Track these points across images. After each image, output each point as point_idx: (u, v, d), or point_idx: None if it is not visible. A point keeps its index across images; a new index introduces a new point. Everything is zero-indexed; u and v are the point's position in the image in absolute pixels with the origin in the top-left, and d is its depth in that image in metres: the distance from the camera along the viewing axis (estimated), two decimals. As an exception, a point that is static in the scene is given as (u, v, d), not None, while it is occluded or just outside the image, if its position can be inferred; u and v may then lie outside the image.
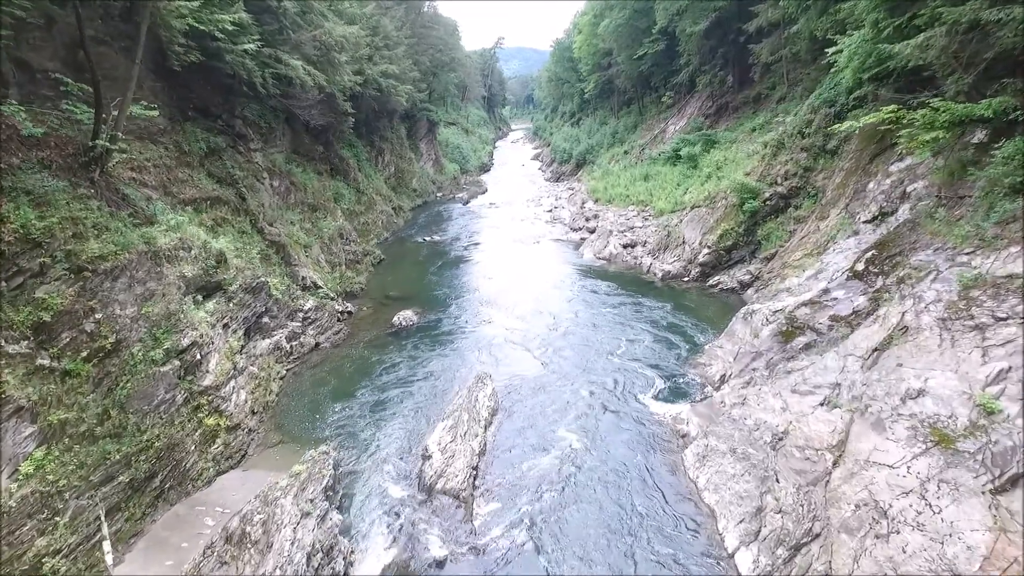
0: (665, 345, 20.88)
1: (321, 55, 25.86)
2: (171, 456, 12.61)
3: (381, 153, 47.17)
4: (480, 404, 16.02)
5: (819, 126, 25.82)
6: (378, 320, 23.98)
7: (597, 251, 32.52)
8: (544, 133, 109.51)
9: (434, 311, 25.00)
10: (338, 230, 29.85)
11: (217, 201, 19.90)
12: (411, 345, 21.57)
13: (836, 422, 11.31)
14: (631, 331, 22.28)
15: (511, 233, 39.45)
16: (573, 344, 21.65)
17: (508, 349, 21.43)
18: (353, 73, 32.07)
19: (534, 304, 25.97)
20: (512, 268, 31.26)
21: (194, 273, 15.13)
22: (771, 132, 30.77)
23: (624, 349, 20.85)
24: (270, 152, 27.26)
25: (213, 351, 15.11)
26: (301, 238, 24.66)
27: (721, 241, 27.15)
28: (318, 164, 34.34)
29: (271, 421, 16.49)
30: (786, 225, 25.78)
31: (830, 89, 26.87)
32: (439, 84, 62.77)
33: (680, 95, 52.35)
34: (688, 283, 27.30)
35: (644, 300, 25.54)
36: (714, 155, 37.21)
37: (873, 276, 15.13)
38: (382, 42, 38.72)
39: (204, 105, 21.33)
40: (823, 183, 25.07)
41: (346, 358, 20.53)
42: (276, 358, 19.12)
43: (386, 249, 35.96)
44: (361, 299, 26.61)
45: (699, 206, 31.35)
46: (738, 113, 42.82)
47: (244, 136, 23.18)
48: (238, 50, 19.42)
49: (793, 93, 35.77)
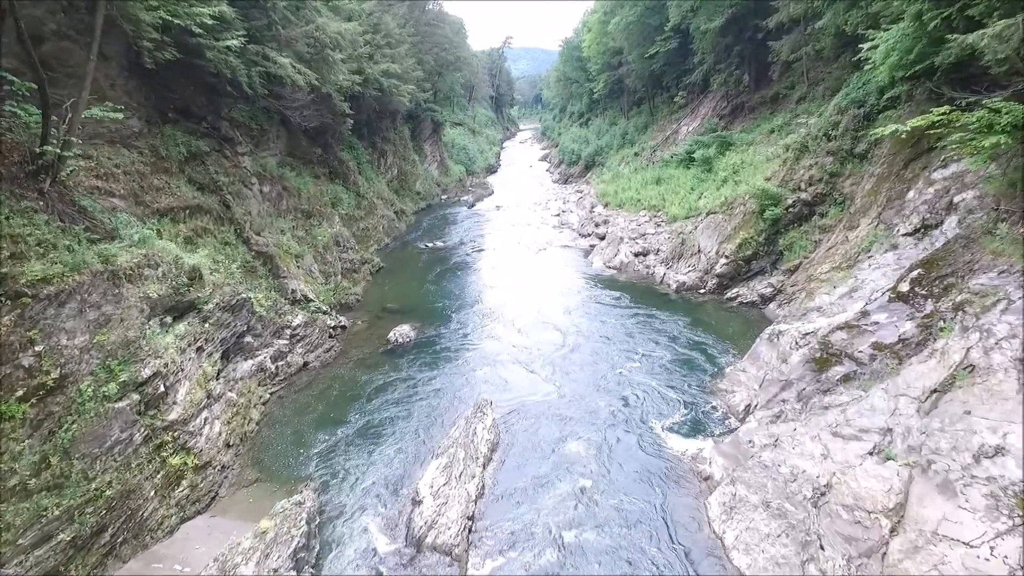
0: (682, 366, 19.23)
1: (315, 53, 24.37)
2: (125, 505, 11.11)
3: (383, 155, 45.69)
4: (478, 438, 14.43)
5: (847, 128, 24.06)
6: (373, 335, 22.45)
7: (607, 259, 30.86)
8: (552, 133, 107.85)
9: (433, 325, 23.44)
10: (334, 237, 28.36)
11: (198, 210, 18.42)
12: (406, 364, 20.02)
13: (892, 479, 9.63)
14: (644, 349, 20.65)
15: (517, 239, 37.84)
16: (581, 363, 20.05)
17: (511, 369, 19.84)
18: (351, 72, 30.58)
19: (540, 317, 24.37)
20: (517, 277, 29.66)
21: (162, 293, 13.64)
22: (793, 134, 29.00)
23: (637, 370, 19.22)
24: (261, 156, 25.80)
25: (182, 379, 13.63)
26: (292, 247, 23.17)
27: (740, 251, 25.43)
28: (316, 167, 32.88)
29: (248, 455, 14.97)
30: (810, 234, 24.04)
31: (858, 88, 25.09)
32: (444, 84, 61.17)
33: (693, 95, 50.53)
34: (704, 295, 25.59)
35: (657, 314, 23.88)
36: (730, 158, 35.45)
37: (921, 299, 13.41)
38: (383, 40, 37.21)
39: (186, 106, 19.88)
40: (851, 189, 23.32)
41: (336, 379, 19.01)
42: (259, 380, 17.63)
43: (386, 256, 34.47)
44: (356, 311, 25.09)
45: (715, 212, 29.62)
46: (754, 114, 41.01)
47: (231, 139, 21.71)
48: (220, 47, 17.94)
49: (814, 93, 33.98)
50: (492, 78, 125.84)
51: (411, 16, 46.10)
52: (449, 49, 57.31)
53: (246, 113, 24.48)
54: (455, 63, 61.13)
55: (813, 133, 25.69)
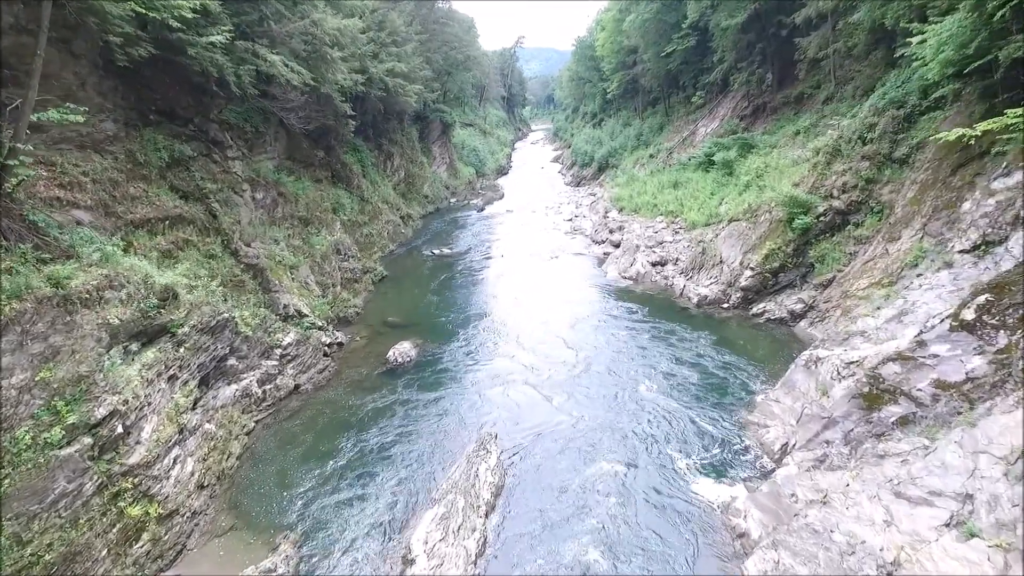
0: (706, 391, 17.51)
1: (313, 50, 22.89)
2: (69, 570, 9.61)
3: (390, 157, 44.26)
4: (480, 482, 12.80)
5: (885, 130, 22.16)
6: (371, 354, 20.91)
7: (622, 269, 29.13)
8: (564, 134, 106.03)
9: (436, 342, 21.86)
10: (334, 245, 26.89)
11: (179, 220, 16.97)
12: (406, 387, 18.46)
13: (981, 564, 7.89)
14: (664, 371, 18.94)
15: (527, 245, 36.18)
16: (595, 386, 18.40)
17: (519, 393, 18.21)
18: (353, 71, 29.12)
19: (551, 332, 22.71)
20: (527, 288, 28.01)
21: (127, 317, 12.16)
22: (823, 137, 27.10)
23: (656, 395, 17.54)
24: (257, 159, 24.38)
25: (149, 415, 12.14)
26: (286, 258, 21.70)
27: (766, 262, 23.58)
28: (317, 171, 31.48)
29: (225, 496, 13.46)
30: (844, 246, 22.16)
31: (896, 87, 23.19)
32: (454, 84, 59.60)
33: (711, 95, 48.56)
34: (728, 310, 23.78)
35: (678, 330, 22.14)
36: (752, 161, 33.53)
37: (991, 330, 11.61)
38: (389, 38, 35.72)
39: (170, 108, 18.46)
40: (890, 197, 21.42)
41: (328, 405, 17.48)
42: (243, 407, 16.14)
43: (390, 264, 32.96)
44: (356, 325, 23.57)
45: (738, 220, 27.79)
46: (777, 114, 39.04)
47: (220, 143, 20.28)
48: (204, 43, 16.47)
49: (842, 92, 32.02)
50: (504, 78, 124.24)
51: (418, 13, 44.62)
52: (458, 48, 55.75)
53: (239, 115, 23.06)
54: (465, 62, 59.55)
55: (846, 136, 23.79)
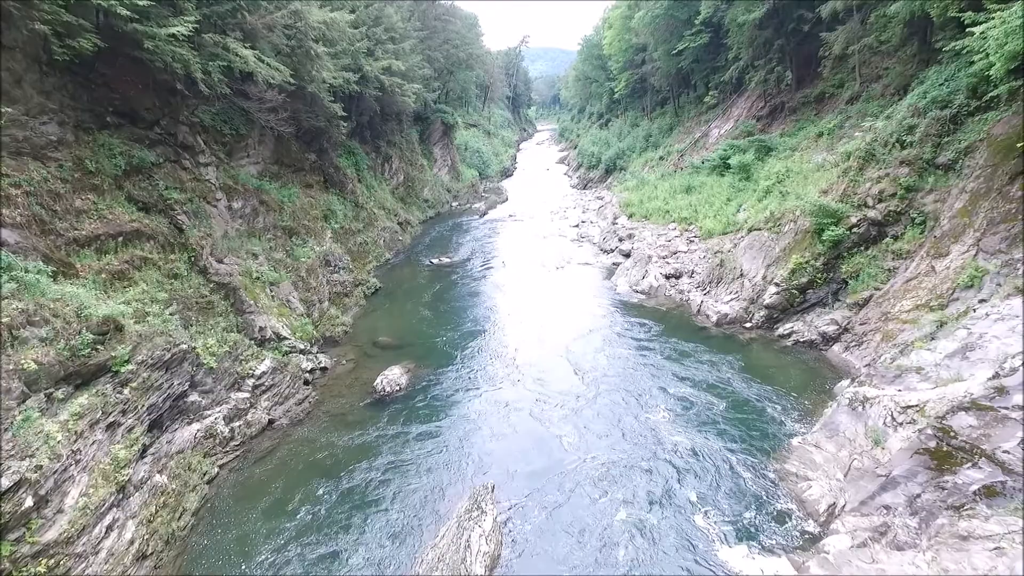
0: (731, 428, 15.46)
1: (296, 45, 20.93)
2: None
3: (388, 160, 42.28)
4: (472, 554, 10.76)
5: (927, 133, 20.03)
6: (358, 381, 18.91)
7: (633, 282, 27.03)
8: (570, 135, 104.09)
9: (430, 367, 19.84)
10: (323, 256, 24.92)
11: (136, 236, 15.02)
12: (393, 422, 16.45)
13: None
14: (682, 402, 16.91)
15: (531, 254, 34.09)
16: (606, 419, 16.40)
17: (520, 429, 16.20)
18: (344, 69, 27.14)
19: (556, 356, 20.68)
20: (531, 303, 25.94)
21: (51, 359, 10.21)
22: (853, 140, 24.95)
23: (674, 431, 15.53)
24: (238, 164, 22.44)
25: (76, 475, 10.17)
26: (265, 274, 19.71)
27: (793, 277, 21.44)
28: (308, 176, 29.53)
29: (174, 565, 11.46)
30: (881, 260, 20.02)
31: (939, 85, 21.03)
32: (456, 83, 57.56)
33: (725, 94, 46.38)
34: (751, 330, 21.67)
35: (695, 353, 20.08)
36: (772, 165, 31.40)
37: (1095, 380, 9.51)
38: (385, 35, 33.72)
39: (130, 109, 16.50)
40: (934, 208, 19.28)
41: (305, 444, 15.48)
42: (206, 450, 14.16)
43: (385, 274, 30.97)
44: (343, 346, 21.58)
45: (759, 229, 25.68)
46: (796, 115, 36.88)
47: (190, 147, 18.31)
48: (163, 35, 14.50)
49: (869, 91, 29.84)
50: (509, 78, 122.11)
51: (417, 9, 42.58)
52: (461, 46, 53.69)
53: (216, 116, 21.14)
54: (467, 61, 57.48)
55: (881, 139, 21.62)
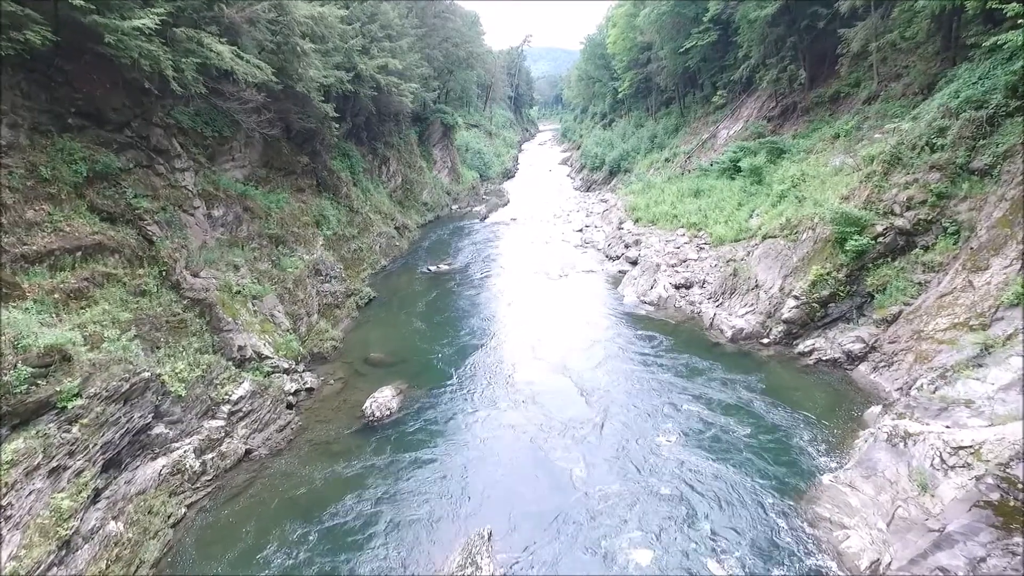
0: (751, 457, 14.16)
1: (282, 42, 19.56)
2: None
3: (385, 162, 40.91)
4: (465, 622, 9.38)
5: (960, 136, 18.55)
6: (346, 403, 17.51)
7: (641, 292, 25.59)
8: (573, 135, 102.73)
9: (423, 387, 18.44)
10: (313, 265, 23.54)
11: (98, 250, 13.65)
12: (381, 451, 15.05)
13: None
14: (696, 427, 15.59)
15: (533, 261, 32.63)
16: (614, 450, 15.04)
17: (522, 460, 14.83)
18: (336, 67, 25.79)
19: (560, 375, 19.29)
20: (533, 315, 24.50)
21: (-21, 399, 8.85)
22: (875, 142, 23.51)
23: (688, 460, 14.22)
24: (221, 169, 21.08)
25: (7, 532, 8.80)
26: (247, 287, 18.33)
27: (814, 290, 19.99)
28: (300, 179, 28.19)
29: (125, 629, 10.11)
30: (911, 273, 18.58)
31: (972, 84, 19.58)
32: (456, 83, 56.14)
33: (734, 94, 44.93)
34: (768, 347, 20.23)
35: (709, 371, 18.71)
36: (786, 168, 29.96)
37: None
38: (381, 32, 32.33)
39: (96, 109, 15.14)
40: (969, 216, 17.83)
41: (284, 478, 14.08)
42: (172, 488, 12.77)
43: (381, 282, 29.61)
44: (332, 363, 20.19)
45: (774, 236, 24.27)
46: (809, 115, 35.44)
47: (164, 151, 16.94)
48: (127, 28, 13.14)
49: (889, 90, 28.39)
50: (511, 77, 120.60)
51: (415, 6, 41.15)
52: (461, 44, 52.24)
53: (197, 117, 19.78)
54: (467, 60, 56.02)
55: (908, 141, 20.18)
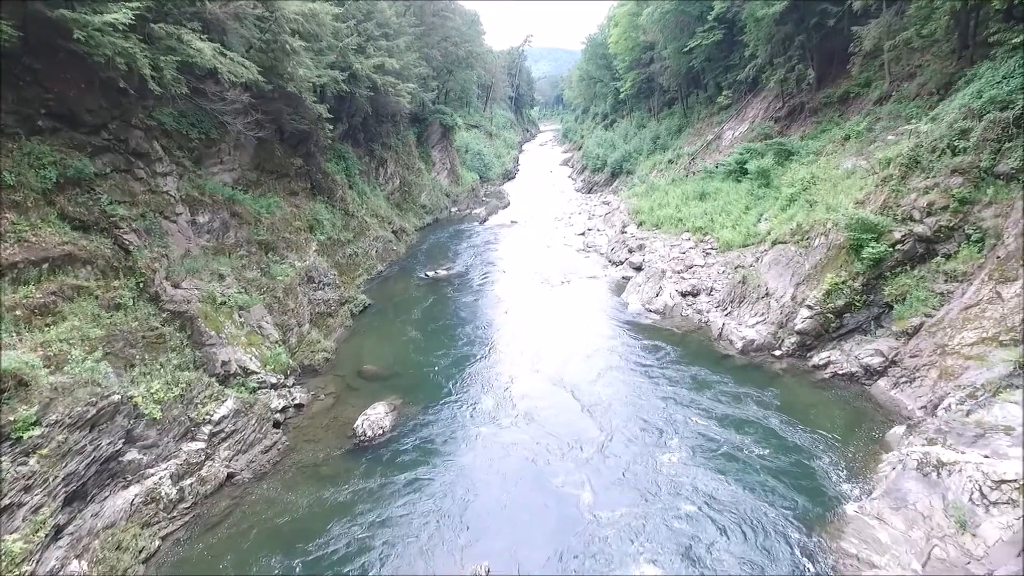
0: (769, 483, 13.32)
1: (271, 39, 18.66)
2: None
3: (383, 164, 39.97)
4: None
5: (984, 138, 17.61)
6: (336, 420, 16.58)
7: (646, 300, 24.63)
8: (574, 135, 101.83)
9: (418, 403, 17.51)
10: (305, 273, 22.61)
11: (68, 261, 12.74)
12: (372, 475, 14.12)
13: None
14: (707, 448, 14.70)
15: (534, 266, 31.67)
16: (620, 472, 14.18)
17: (523, 484, 13.92)
18: (331, 66, 24.88)
19: (562, 389, 18.36)
20: (534, 324, 23.52)
21: (-84, 434, 7.92)
22: (889, 144, 22.59)
23: (700, 489, 13.27)
24: (208, 172, 20.17)
25: (-53, 585, 7.88)
26: (233, 297, 17.38)
27: (828, 300, 19.06)
28: (293, 182, 27.27)
29: None
30: (931, 282, 17.64)
31: (996, 84, 18.63)
32: (455, 83, 55.11)
33: (739, 94, 43.98)
34: (780, 359, 19.29)
35: (719, 385, 17.82)
36: (795, 171, 29.06)
37: None
38: (378, 31, 31.39)
39: (69, 110, 14.21)
40: (995, 223, 16.89)
41: (268, 506, 13.15)
42: (145, 519, 11.84)
43: (376, 288, 28.69)
44: (323, 376, 19.26)
45: (784, 242, 23.33)
46: (817, 116, 34.48)
47: (145, 154, 16.01)
48: (98, 24, 12.23)
49: (902, 90, 27.43)
50: (511, 78, 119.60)
51: (413, 4, 40.17)
52: (460, 44, 51.24)
53: (182, 118, 18.85)
54: (467, 59, 55.02)
55: (927, 144, 19.24)
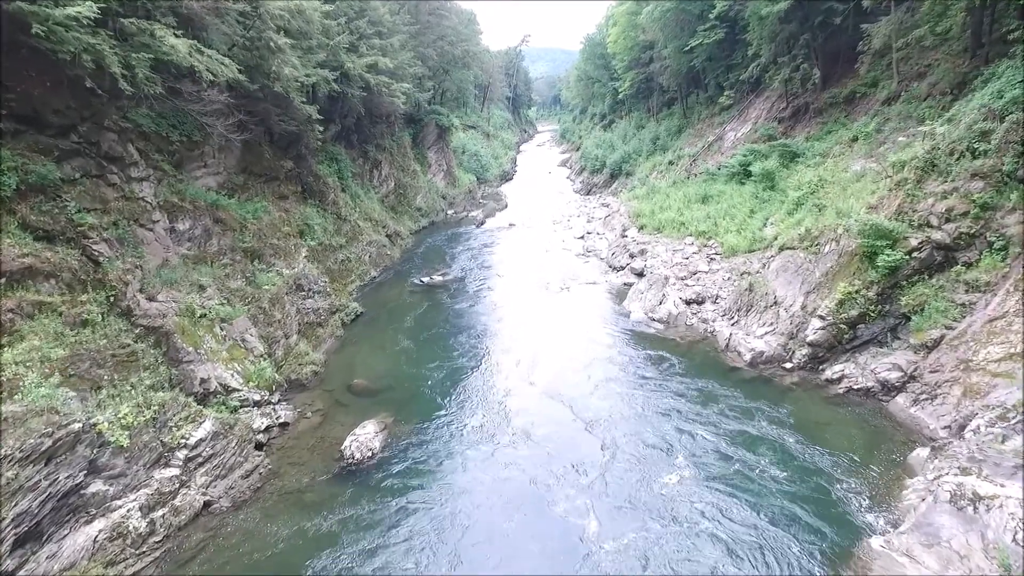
0: (785, 508, 12.56)
1: (255, 36, 17.69)
2: None
3: (377, 166, 38.99)
4: None
5: (1007, 140, 16.70)
6: (324, 440, 15.59)
7: (649, 308, 23.69)
8: (572, 136, 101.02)
9: (411, 420, 16.55)
10: (293, 281, 21.63)
11: (29, 275, 11.77)
12: (359, 502, 13.15)
13: None
14: (720, 473, 13.80)
15: (533, 271, 30.71)
16: (626, 497, 13.32)
17: (522, 511, 12.99)
18: (321, 65, 23.92)
19: (563, 405, 17.43)
20: (532, 334, 22.53)
21: None
22: (901, 146, 21.72)
23: (711, 515, 12.40)
24: (191, 177, 19.20)
25: None
26: (214, 309, 16.40)
27: (841, 310, 18.16)
28: (283, 186, 26.31)
29: None
30: (951, 292, 16.75)
31: (1018, 83, 17.72)
32: (451, 82, 54.11)
33: (741, 94, 43.11)
34: (791, 372, 18.38)
35: (727, 400, 16.97)
36: (802, 173, 28.16)
37: None
38: (371, 29, 30.43)
39: (34, 111, 13.24)
40: (1019, 230, 15.99)
41: (245, 538, 12.17)
42: (110, 556, 10.86)
43: (369, 295, 27.73)
44: (311, 391, 18.28)
45: (792, 248, 22.46)
46: (823, 117, 33.59)
47: (118, 158, 15.04)
48: (59, 17, 11.26)
49: (911, 90, 26.54)
50: (509, 78, 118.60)
51: (407, 3, 39.17)
52: (456, 43, 50.25)
53: (162, 120, 17.88)
54: (463, 59, 54.02)
55: (944, 146, 18.34)
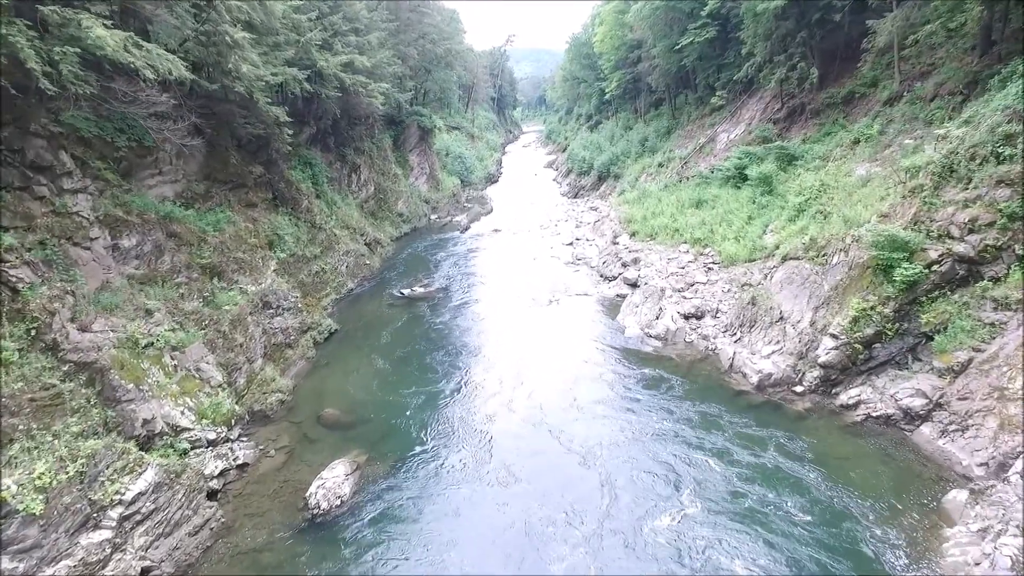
0: (808, 556, 10.86)
1: (210, 30, 15.85)
2: None
3: (356, 170, 37.10)
4: None
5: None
6: (287, 485, 13.80)
7: (644, 322, 22.13)
8: (558, 137, 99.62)
9: (386, 458, 14.81)
10: (259, 298, 19.79)
11: (-77, 310, 9.89)
12: (324, 559, 11.43)
13: None
14: (727, 507, 12.47)
15: (520, 282, 29.04)
16: (629, 545, 11.67)
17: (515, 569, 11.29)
18: (290, 63, 22.08)
19: (555, 437, 15.80)
20: (520, 353, 20.85)
21: None
22: (913, 149, 20.39)
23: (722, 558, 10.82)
24: (143, 185, 17.30)
25: None
26: (163, 336, 14.52)
27: (856, 328, 16.73)
28: (252, 193, 24.39)
29: None
30: (977, 310, 15.38)
31: (1046, 81, 16.49)
32: (433, 83, 52.32)
33: (734, 94, 41.81)
34: (803, 396, 16.92)
35: (734, 428, 15.55)
36: (801, 177, 26.78)
37: None
38: (346, 25, 28.61)
39: (-62, 116, 11.38)
40: (1051, 243, 14.71)
41: (189, 615, 10.44)
42: (18, 650, 9.05)
43: (346, 309, 25.91)
44: (277, 424, 16.46)
45: (797, 258, 21.08)
46: (820, 118, 32.29)
47: (47, 168, 13.15)
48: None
49: (915, 90, 25.29)
50: (493, 78, 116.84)
51: None
52: (439, 42, 48.46)
53: (106, 123, 15.95)
54: (446, 58, 52.23)
55: (964, 151, 16.99)
